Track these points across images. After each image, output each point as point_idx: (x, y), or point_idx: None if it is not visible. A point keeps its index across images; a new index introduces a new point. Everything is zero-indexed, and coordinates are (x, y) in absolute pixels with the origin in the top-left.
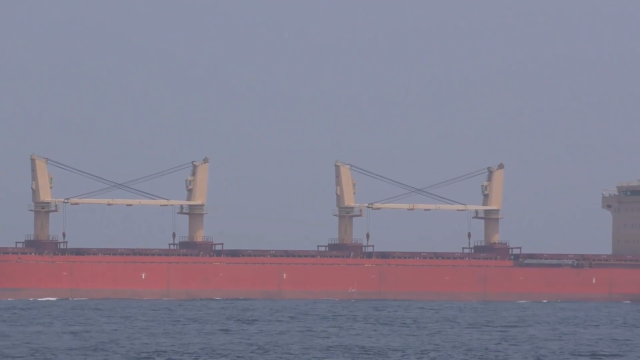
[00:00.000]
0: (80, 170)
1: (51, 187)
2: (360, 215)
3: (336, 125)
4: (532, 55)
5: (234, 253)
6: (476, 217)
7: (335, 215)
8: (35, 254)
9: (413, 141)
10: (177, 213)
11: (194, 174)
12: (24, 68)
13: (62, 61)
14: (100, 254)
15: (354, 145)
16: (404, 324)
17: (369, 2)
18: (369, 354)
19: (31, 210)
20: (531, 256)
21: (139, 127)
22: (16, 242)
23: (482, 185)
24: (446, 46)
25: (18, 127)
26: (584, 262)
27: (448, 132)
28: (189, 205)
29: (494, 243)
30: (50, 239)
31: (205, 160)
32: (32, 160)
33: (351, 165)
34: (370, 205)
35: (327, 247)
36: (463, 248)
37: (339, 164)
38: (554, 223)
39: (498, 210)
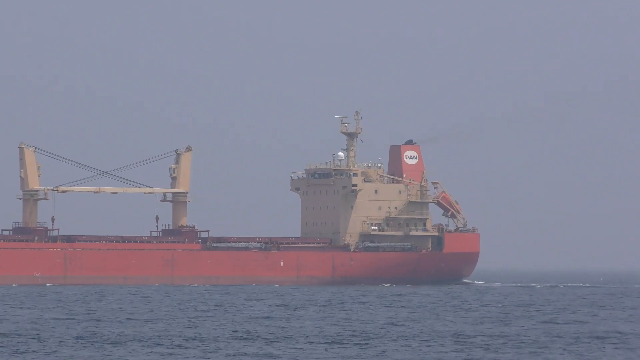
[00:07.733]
0: None
1: None
2: (45, 199)
3: (20, 106)
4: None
5: None
6: (164, 200)
7: (20, 198)
8: None
9: (98, 123)
10: None
11: None
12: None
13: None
14: None
15: (39, 127)
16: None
17: None
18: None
19: None
20: (219, 239)
21: None
22: None
23: (169, 168)
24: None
25: None
26: (272, 245)
27: (133, 114)
28: None
29: (182, 226)
30: None
31: None
32: None
33: (36, 148)
34: (55, 189)
35: (11, 232)
36: (151, 232)
37: (23, 146)
38: (244, 206)
39: (186, 193)
